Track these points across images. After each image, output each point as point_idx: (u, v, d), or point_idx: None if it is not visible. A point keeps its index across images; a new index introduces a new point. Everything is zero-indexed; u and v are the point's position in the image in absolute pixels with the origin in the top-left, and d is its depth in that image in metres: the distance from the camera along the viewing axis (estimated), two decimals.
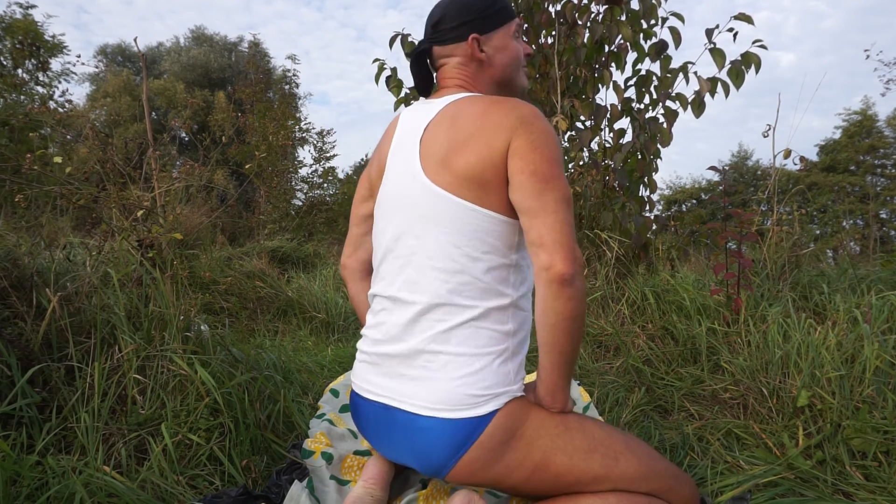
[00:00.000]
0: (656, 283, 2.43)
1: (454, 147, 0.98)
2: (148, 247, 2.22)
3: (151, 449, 1.26)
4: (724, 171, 2.40)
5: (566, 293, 0.91)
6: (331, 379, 2.01)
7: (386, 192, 1.10)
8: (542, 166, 0.94)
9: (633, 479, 0.96)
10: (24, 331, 1.41)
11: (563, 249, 0.91)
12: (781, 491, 1.24)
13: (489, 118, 0.98)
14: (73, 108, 7.17)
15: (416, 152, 1.03)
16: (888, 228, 15.49)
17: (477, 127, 0.98)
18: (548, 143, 0.96)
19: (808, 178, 17.17)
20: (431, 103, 1.08)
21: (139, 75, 18.48)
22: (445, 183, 0.98)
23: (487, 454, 0.95)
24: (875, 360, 1.46)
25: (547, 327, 0.94)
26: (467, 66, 1.12)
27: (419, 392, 0.97)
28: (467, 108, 1.02)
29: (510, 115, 0.97)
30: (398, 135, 1.11)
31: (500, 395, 0.97)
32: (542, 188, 0.94)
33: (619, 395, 1.82)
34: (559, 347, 0.95)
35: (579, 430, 0.98)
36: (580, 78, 3.04)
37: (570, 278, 0.90)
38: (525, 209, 0.95)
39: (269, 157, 7.79)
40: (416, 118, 1.08)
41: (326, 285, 3.86)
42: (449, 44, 1.11)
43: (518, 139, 0.96)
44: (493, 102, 1.00)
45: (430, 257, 1.00)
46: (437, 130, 1.02)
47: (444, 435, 0.95)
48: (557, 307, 0.92)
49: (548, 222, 0.92)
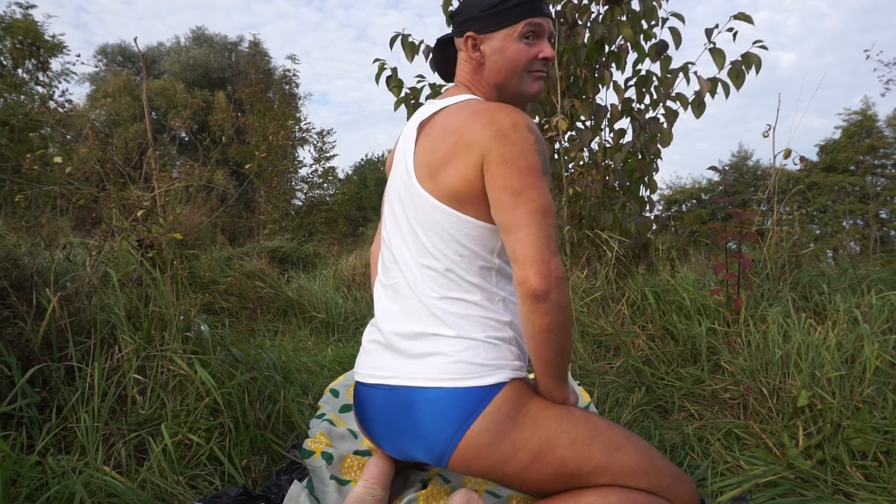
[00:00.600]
0: (656, 283, 2.43)
1: (436, 160, 1.01)
2: (148, 247, 2.22)
3: (151, 449, 1.25)
4: (724, 171, 2.40)
5: (540, 308, 0.91)
6: (331, 379, 2.01)
7: (389, 189, 1.15)
8: (512, 180, 0.93)
9: (634, 472, 0.96)
10: (24, 331, 1.41)
11: (535, 264, 0.90)
12: (781, 491, 1.24)
13: (465, 134, 0.97)
14: (73, 108, 7.17)
15: (411, 154, 1.06)
16: (888, 228, 15.50)
17: (454, 143, 0.98)
18: (522, 154, 0.94)
19: (808, 178, 17.18)
20: (434, 104, 1.10)
21: (139, 75, 18.47)
22: (431, 189, 1.01)
23: (496, 426, 0.95)
24: (875, 360, 1.46)
25: (528, 338, 0.97)
26: (467, 65, 1.12)
27: (424, 367, 0.99)
28: (452, 119, 1.01)
29: (485, 130, 0.95)
30: (406, 131, 1.13)
31: (506, 367, 0.99)
32: (514, 202, 0.93)
33: (619, 395, 1.82)
34: (542, 356, 0.97)
35: (582, 418, 1.00)
36: (580, 78, 3.04)
37: (543, 294, 0.90)
38: (500, 224, 0.96)
39: (269, 157, 7.79)
40: (420, 119, 1.10)
41: (326, 285, 3.87)
42: (457, 37, 1.12)
43: (489, 154, 0.94)
44: (474, 115, 0.98)
45: (421, 255, 1.04)
46: (427, 138, 1.05)
47: (450, 404, 0.96)
48: (534, 321, 0.93)
49: (520, 237, 0.92)
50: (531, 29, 1.07)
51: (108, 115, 16.00)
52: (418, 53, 3.03)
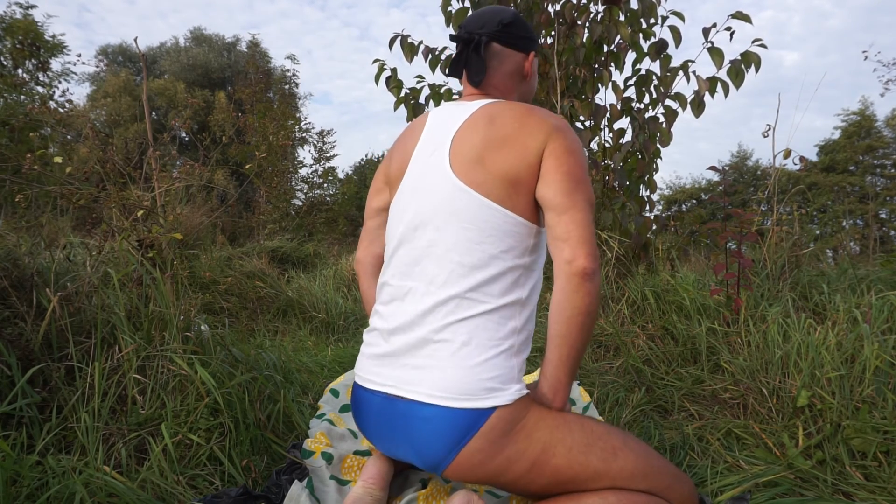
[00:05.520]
0: (656, 283, 2.43)
1: (492, 145, 1.03)
2: (148, 247, 2.22)
3: (151, 449, 1.26)
4: (723, 171, 2.40)
5: (585, 288, 0.95)
6: (331, 379, 2.01)
7: (407, 185, 1.12)
8: (576, 169, 1.02)
9: (632, 476, 0.96)
10: (24, 331, 1.41)
11: (587, 246, 0.97)
12: (781, 491, 1.24)
13: (528, 120, 1.04)
14: (73, 108, 7.17)
15: (446, 149, 1.06)
16: (888, 228, 15.50)
17: (516, 128, 1.04)
18: (580, 151, 1.04)
19: (807, 178, 17.18)
20: (465, 105, 1.12)
21: (139, 75, 18.48)
22: (476, 181, 1.02)
23: (490, 445, 0.95)
24: (875, 360, 1.46)
25: (563, 320, 0.97)
26: (514, 76, 1.18)
27: (423, 380, 0.98)
28: (506, 110, 1.07)
29: (547, 121, 1.04)
30: (427, 132, 1.13)
31: (505, 390, 0.97)
32: (574, 188, 1.00)
33: (619, 395, 1.82)
34: (570, 341, 0.98)
35: (578, 425, 0.99)
36: (579, 78, 3.04)
37: (591, 273, 0.95)
38: (555, 205, 1.00)
39: (270, 157, 7.79)
40: (450, 117, 1.11)
41: (326, 285, 3.87)
42: (513, 48, 1.16)
43: (554, 142, 1.02)
44: (531, 108, 1.07)
45: (450, 249, 1.02)
46: (473, 129, 1.06)
47: (445, 424, 0.95)
48: (575, 301, 0.96)
49: (576, 219, 0.98)
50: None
51: (108, 115, 16.00)
52: (417, 54, 3.04)
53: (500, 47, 1.15)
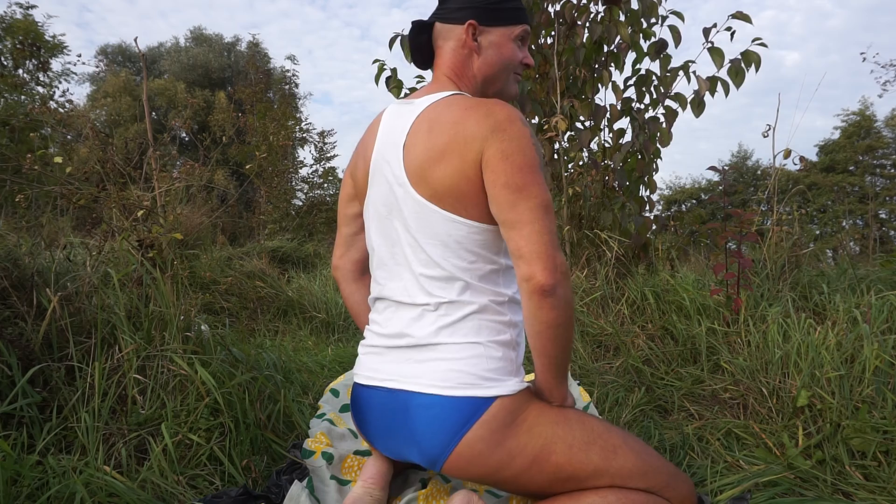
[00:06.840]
0: (656, 283, 2.43)
1: (430, 158, 0.97)
2: (148, 247, 2.22)
3: (151, 449, 1.26)
4: (723, 171, 2.40)
5: (548, 303, 0.92)
6: (331, 379, 2.01)
7: (374, 198, 1.09)
8: (514, 177, 0.93)
9: (631, 474, 0.96)
10: (24, 331, 1.41)
11: (541, 260, 0.91)
12: (781, 491, 1.24)
13: (462, 127, 0.96)
14: (73, 108, 7.17)
15: (400, 160, 1.02)
16: (888, 228, 15.51)
17: (450, 137, 0.96)
18: (520, 150, 0.94)
19: (807, 178, 17.17)
20: (413, 104, 1.06)
21: (139, 75, 18.48)
22: (427, 194, 0.99)
23: (491, 435, 0.95)
24: (875, 360, 1.46)
25: (533, 335, 0.96)
26: (459, 52, 1.10)
27: (424, 373, 0.99)
28: (443, 114, 0.99)
29: (483, 123, 0.95)
30: (381, 137, 1.08)
31: (507, 381, 0.98)
32: (515, 199, 0.93)
33: (619, 395, 1.82)
34: (546, 352, 0.97)
35: (578, 422, 0.99)
36: (579, 78, 3.04)
37: (550, 289, 0.91)
38: (502, 221, 0.95)
39: (270, 157, 7.78)
40: (399, 121, 1.06)
41: (326, 285, 3.86)
42: (449, 23, 1.10)
43: (490, 149, 0.94)
44: (469, 108, 0.98)
45: (424, 265, 1.01)
46: (416, 138, 1.00)
47: (446, 411, 0.95)
48: (541, 317, 0.93)
49: (524, 233, 0.92)
50: (524, 34, 1.13)
51: (108, 115, 15.99)
52: None
53: (441, 25, 1.11)
